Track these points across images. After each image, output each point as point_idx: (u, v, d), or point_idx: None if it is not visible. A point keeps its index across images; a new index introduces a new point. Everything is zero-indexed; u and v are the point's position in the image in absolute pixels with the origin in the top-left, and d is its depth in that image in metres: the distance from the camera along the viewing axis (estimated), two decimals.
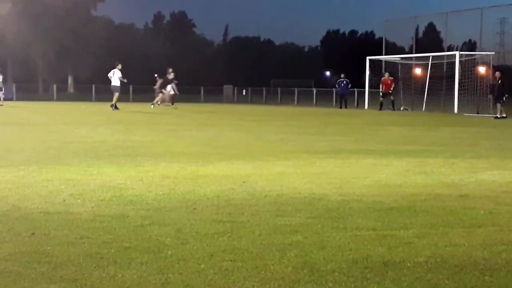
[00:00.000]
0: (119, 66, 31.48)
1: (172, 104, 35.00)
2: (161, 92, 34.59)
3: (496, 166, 10.22)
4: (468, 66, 36.49)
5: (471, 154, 12.02)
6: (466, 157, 11.42)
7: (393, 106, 38.10)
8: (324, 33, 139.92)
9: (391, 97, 38.41)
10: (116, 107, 30.78)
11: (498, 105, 29.47)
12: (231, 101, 53.24)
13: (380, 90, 38.87)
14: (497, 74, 30.54)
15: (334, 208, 6.50)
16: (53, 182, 7.86)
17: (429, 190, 7.69)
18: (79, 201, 6.70)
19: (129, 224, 5.68)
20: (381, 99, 38.56)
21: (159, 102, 34.50)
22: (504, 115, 28.56)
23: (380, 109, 37.75)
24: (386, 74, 39.03)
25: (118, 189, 7.44)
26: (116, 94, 31.39)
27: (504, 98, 29.27)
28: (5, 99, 41.73)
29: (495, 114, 29.24)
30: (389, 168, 9.79)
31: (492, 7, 39.94)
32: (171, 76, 34.74)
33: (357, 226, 5.72)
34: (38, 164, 9.50)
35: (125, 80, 31.86)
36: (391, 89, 38.55)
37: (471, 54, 38.54)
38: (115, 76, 31.35)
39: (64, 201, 6.68)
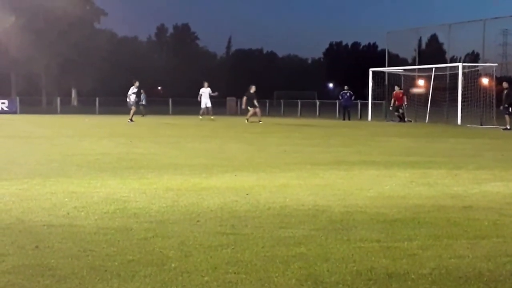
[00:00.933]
0: (136, 84, 33.43)
1: (202, 115, 36.09)
2: (254, 106, 33.48)
3: (500, 177, 10.21)
4: (471, 77, 36.49)
5: (474, 165, 12.01)
6: (469, 168, 11.41)
7: (403, 118, 37.83)
8: (327, 45, 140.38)
9: (401, 110, 38.15)
10: (131, 120, 32.15)
11: (506, 116, 29.27)
12: (234, 113, 53.23)
13: (391, 104, 38.50)
14: (504, 84, 30.19)
15: (337, 220, 6.50)
16: (56, 195, 7.87)
17: (432, 202, 7.68)
18: (82, 213, 6.71)
19: (132, 237, 5.68)
20: (396, 113, 38.18)
21: (251, 117, 33.41)
22: (508, 127, 28.38)
23: (403, 120, 37.53)
24: (396, 88, 38.75)
25: (122, 201, 7.45)
26: (133, 108, 33.22)
27: (510, 109, 28.95)
28: (8, 112, 41.89)
29: (505, 125, 28.88)
30: (393, 179, 9.78)
31: (495, 19, 40.00)
32: (252, 90, 33.81)
33: (361, 238, 5.71)
34: (41, 177, 9.51)
35: (133, 96, 33.69)
36: (405, 102, 38.28)
37: (474, 66, 38.57)
38: (130, 93, 33.46)
39: (68, 214, 6.69)
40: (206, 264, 4.82)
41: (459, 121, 34.25)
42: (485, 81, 37.26)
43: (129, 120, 31.99)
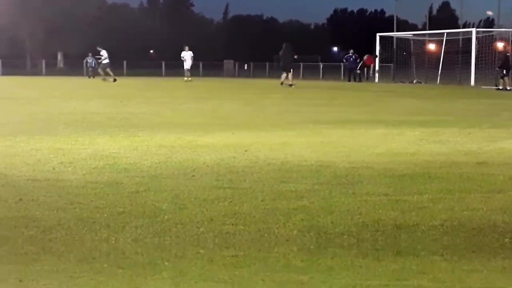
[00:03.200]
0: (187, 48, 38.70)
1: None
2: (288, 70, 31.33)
3: None
4: (486, 42, 36.44)
5: (489, 124, 11.95)
6: (483, 127, 11.35)
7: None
8: (331, 12, 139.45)
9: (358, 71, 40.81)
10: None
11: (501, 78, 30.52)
12: (232, 75, 53.14)
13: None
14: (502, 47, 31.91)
15: (342, 175, 6.46)
16: (41, 151, 7.83)
17: (444, 158, 7.64)
18: (69, 169, 6.67)
19: (123, 191, 5.65)
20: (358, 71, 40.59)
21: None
22: (501, 87, 29.70)
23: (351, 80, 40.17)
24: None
25: (111, 157, 7.41)
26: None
27: (505, 71, 30.28)
28: None
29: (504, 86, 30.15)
30: (402, 137, 9.74)
31: None
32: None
33: (368, 192, 5.68)
34: (26, 135, 9.45)
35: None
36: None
37: (489, 31, 38.46)
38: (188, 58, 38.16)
39: (54, 169, 6.66)
40: (201, 216, 4.81)
41: (472, 83, 34.16)
42: (500, 45, 37.26)
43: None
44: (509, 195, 5.63)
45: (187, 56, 39.02)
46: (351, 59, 41.89)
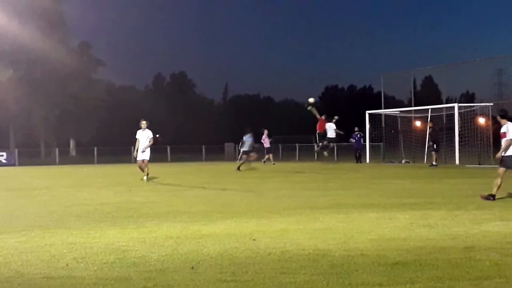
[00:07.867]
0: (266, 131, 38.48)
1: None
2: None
3: (500, 216, 10.19)
4: (468, 117, 36.60)
5: (474, 205, 11.99)
6: (469, 209, 11.38)
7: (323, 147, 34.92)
8: (323, 89, 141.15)
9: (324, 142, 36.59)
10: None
11: (433, 153, 32.78)
12: (232, 159, 53.26)
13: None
14: (429, 123, 34.56)
15: (338, 264, 6.46)
16: (55, 246, 7.83)
17: (433, 243, 7.65)
18: (81, 264, 6.66)
19: (132, 287, 5.63)
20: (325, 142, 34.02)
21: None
22: (435, 163, 31.58)
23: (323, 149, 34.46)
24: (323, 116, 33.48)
25: (121, 251, 7.41)
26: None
27: (435, 145, 32.74)
28: (7, 165, 41.98)
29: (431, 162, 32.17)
30: (393, 221, 9.75)
31: (489, 59, 40.37)
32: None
33: (363, 282, 5.67)
34: (40, 229, 9.48)
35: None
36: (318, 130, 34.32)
37: (470, 106, 38.71)
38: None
39: (67, 265, 6.65)
40: None
41: (457, 161, 34.25)
42: (481, 120, 37.44)
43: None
44: (496, 282, 5.61)
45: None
46: (357, 138, 40.63)
